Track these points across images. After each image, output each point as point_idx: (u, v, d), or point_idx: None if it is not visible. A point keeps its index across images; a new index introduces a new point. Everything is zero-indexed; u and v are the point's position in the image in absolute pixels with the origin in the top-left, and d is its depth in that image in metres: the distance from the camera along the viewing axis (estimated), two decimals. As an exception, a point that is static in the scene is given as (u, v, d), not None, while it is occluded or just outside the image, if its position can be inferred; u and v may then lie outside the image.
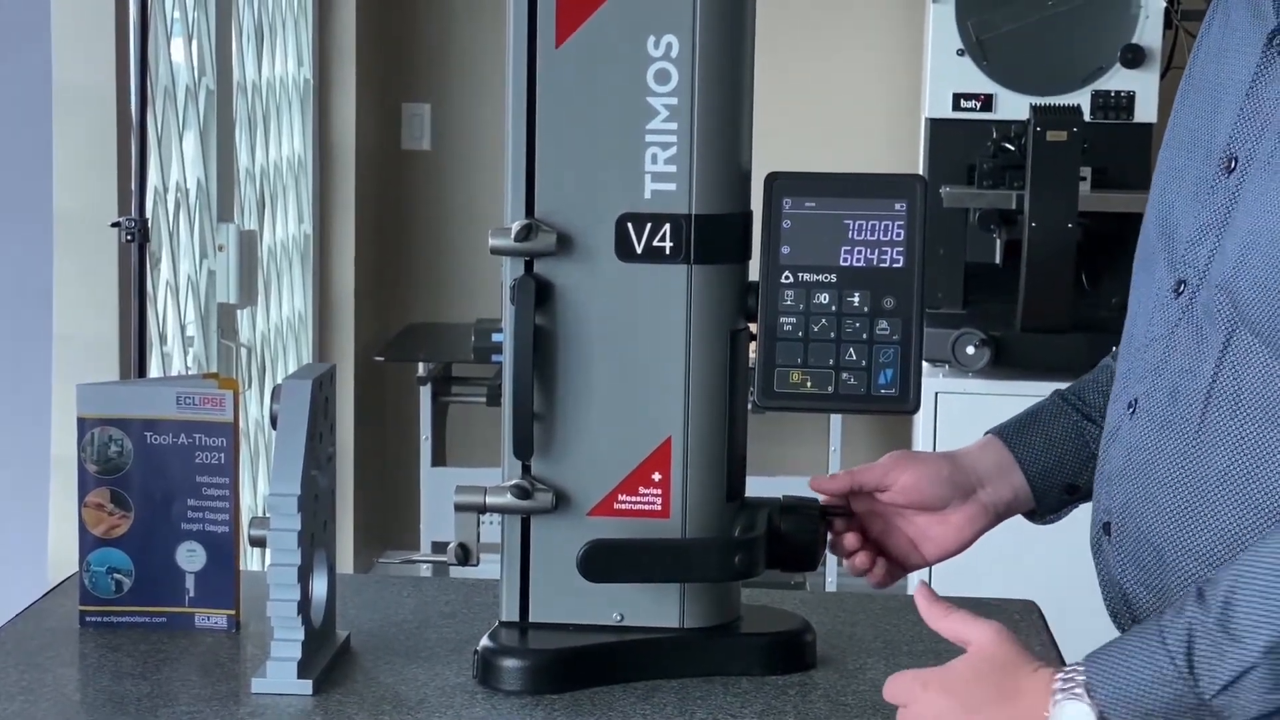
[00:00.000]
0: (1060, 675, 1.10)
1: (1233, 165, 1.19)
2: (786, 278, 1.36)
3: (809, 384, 1.35)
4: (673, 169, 1.35)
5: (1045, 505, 1.42)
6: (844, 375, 1.35)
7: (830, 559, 3.19)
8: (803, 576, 3.54)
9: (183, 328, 3.02)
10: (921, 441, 3.16)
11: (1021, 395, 1.46)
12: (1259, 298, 1.17)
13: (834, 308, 1.35)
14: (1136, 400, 1.27)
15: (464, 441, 3.96)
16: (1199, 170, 1.23)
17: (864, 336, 1.34)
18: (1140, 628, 1.10)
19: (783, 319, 1.35)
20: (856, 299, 1.35)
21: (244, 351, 3.30)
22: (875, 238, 1.35)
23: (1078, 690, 1.08)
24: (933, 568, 3.25)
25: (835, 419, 3.79)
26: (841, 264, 1.35)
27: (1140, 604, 1.26)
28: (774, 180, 1.36)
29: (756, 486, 1.47)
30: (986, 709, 1.12)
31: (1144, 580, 1.26)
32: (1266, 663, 1.03)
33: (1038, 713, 1.09)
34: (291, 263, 3.75)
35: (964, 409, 3.10)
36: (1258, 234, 1.18)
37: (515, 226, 1.36)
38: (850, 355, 1.35)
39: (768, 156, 1.42)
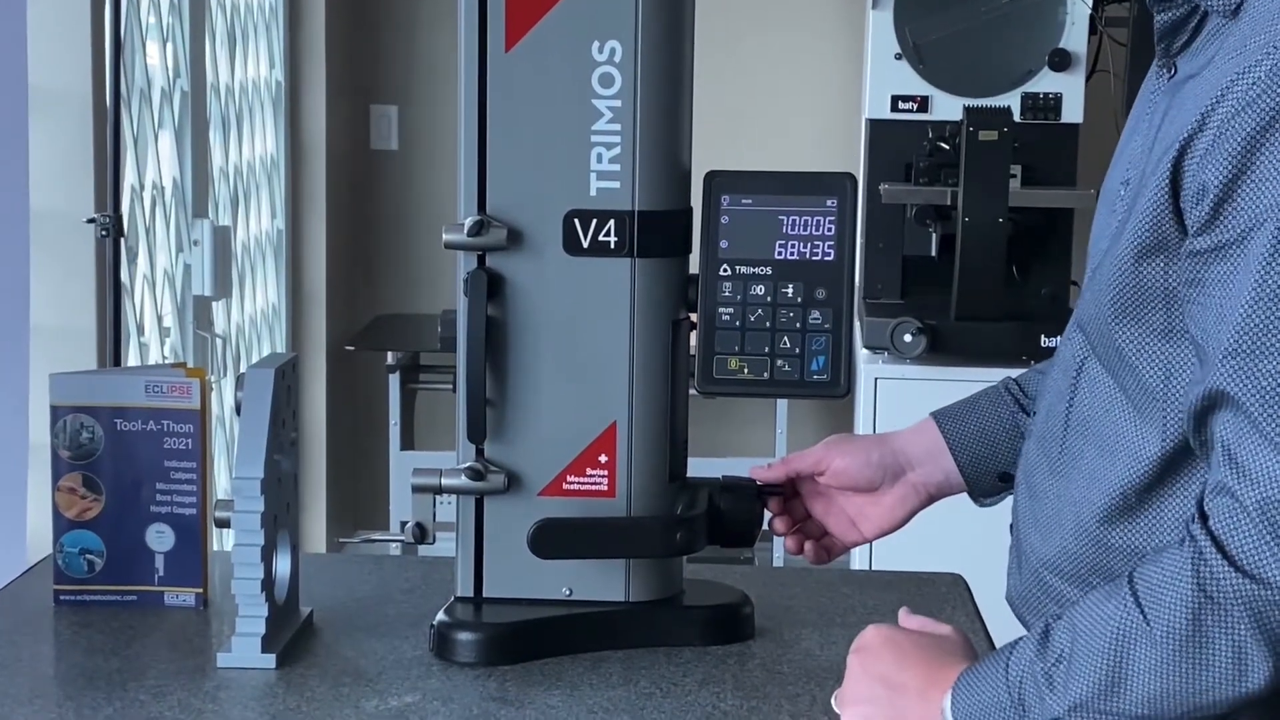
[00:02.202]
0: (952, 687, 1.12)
1: (1125, 188, 1.18)
2: (725, 270, 1.36)
3: (746, 370, 1.36)
4: (617, 168, 1.35)
5: (979, 489, 1.41)
6: (779, 362, 1.35)
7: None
8: (750, 552, 3.55)
9: (160, 319, 3.00)
10: (862, 425, 3.17)
11: (956, 380, 1.46)
12: (1093, 323, 1.16)
13: (769, 299, 1.35)
14: (1037, 412, 1.28)
15: (431, 426, 3.95)
16: (1110, 194, 1.22)
17: (797, 325, 1.35)
18: (996, 653, 1.12)
19: (721, 309, 1.36)
20: (790, 290, 1.35)
21: (219, 342, 3.28)
22: (808, 232, 1.35)
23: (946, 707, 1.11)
24: (872, 544, 3.27)
25: (781, 404, 3.80)
26: (776, 257, 1.35)
27: (1015, 598, 1.27)
28: (713, 178, 1.37)
29: (707, 468, 1.48)
30: (910, 681, 1.15)
31: (1017, 575, 1.27)
32: (1070, 717, 1.06)
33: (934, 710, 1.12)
34: (265, 257, 3.73)
35: (902, 394, 3.12)
36: (1097, 257, 1.18)
37: (468, 222, 1.36)
38: (784, 343, 1.35)
39: (718, 157, 1.43)
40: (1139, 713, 1.04)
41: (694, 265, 1.39)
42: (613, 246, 1.36)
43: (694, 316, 1.39)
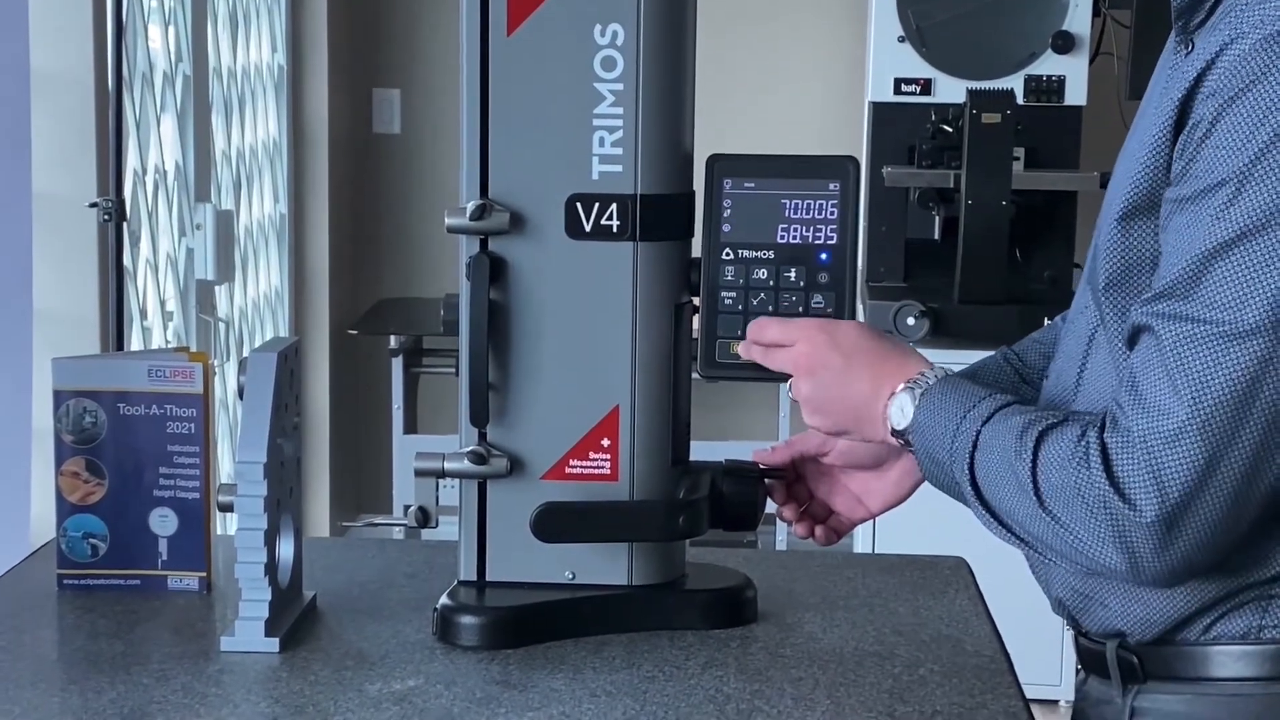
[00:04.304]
0: (918, 375, 1.20)
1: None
2: (727, 254, 1.36)
3: (749, 355, 1.35)
4: (619, 151, 1.35)
5: None
6: (781, 346, 1.35)
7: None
8: (753, 535, 3.55)
9: (162, 303, 3.00)
10: (865, 408, 3.17)
11: (959, 364, 1.46)
12: (1104, 294, 1.17)
13: (772, 282, 1.35)
14: (1048, 375, 1.28)
15: (434, 410, 3.95)
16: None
17: (800, 310, 1.35)
18: (973, 392, 1.18)
19: (724, 293, 1.35)
20: (793, 274, 1.35)
21: (222, 326, 3.28)
22: (810, 216, 1.35)
23: (916, 393, 1.20)
24: (876, 528, 3.26)
25: (784, 387, 3.78)
26: (779, 241, 1.35)
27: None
28: (715, 162, 1.36)
29: (710, 452, 1.47)
30: (862, 362, 1.23)
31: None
32: (972, 503, 1.17)
33: (886, 392, 1.21)
34: (267, 241, 3.73)
35: (904, 377, 3.11)
36: (1102, 226, 1.18)
37: (470, 206, 1.35)
38: (787, 327, 1.34)
39: (721, 140, 1.42)
40: (1015, 536, 1.15)
41: (696, 249, 1.39)
42: (615, 230, 1.35)
43: (696, 300, 1.38)
